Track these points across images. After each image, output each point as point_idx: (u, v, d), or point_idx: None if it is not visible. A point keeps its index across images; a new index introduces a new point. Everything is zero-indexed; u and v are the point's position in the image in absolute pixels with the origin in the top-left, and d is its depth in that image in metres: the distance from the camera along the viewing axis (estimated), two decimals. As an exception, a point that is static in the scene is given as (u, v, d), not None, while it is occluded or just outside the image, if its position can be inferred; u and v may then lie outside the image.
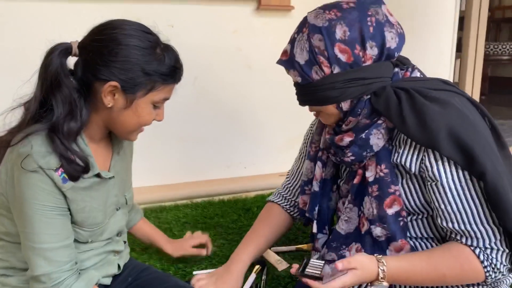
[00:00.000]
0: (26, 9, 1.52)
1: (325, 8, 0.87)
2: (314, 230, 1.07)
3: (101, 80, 0.82)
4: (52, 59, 0.80)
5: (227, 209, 1.66)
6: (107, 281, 0.97)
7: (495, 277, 0.83)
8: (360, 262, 0.83)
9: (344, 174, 1.03)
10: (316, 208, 1.05)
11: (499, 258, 0.82)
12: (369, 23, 0.84)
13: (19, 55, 1.48)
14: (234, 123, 1.88)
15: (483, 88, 4.38)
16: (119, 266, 1.00)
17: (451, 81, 2.05)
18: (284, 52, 0.91)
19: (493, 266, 0.82)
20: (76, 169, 0.81)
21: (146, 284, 1.00)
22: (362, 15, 0.84)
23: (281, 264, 1.27)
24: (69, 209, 0.84)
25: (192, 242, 1.24)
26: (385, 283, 0.85)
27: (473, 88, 2.15)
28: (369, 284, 0.87)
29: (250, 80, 1.85)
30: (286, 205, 1.22)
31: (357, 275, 0.83)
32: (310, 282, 0.83)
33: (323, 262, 0.88)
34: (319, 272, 0.84)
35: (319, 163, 1.05)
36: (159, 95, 0.86)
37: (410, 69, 0.92)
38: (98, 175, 0.88)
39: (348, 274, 0.82)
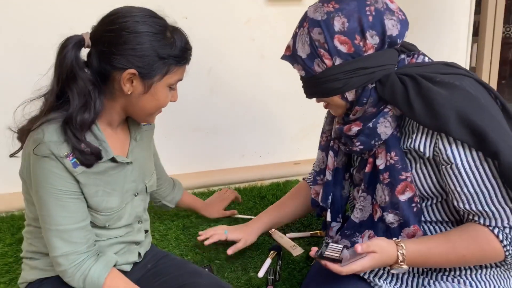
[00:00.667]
0: (36, 2, 1.54)
1: (324, 1, 0.88)
2: (328, 218, 1.08)
3: (119, 69, 0.84)
4: (66, 53, 0.83)
5: (242, 196, 1.68)
6: (127, 268, 1.00)
7: None
8: (379, 246, 0.85)
9: (356, 162, 1.05)
10: (330, 197, 1.07)
11: None
12: (368, 13, 0.84)
13: (33, 49, 1.52)
14: (249, 113, 1.90)
15: (503, 72, 4.27)
16: (139, 254, 1.04)
17: (468, 66, 2.03)
18: (288, 48, 0.93)
19: None
20: (87, 158, 0.84)
21: (164, 271, 1.03)
22: (361, 5, 0.85)
23: (296, 250, 1.30)
24: (83, 193, 0.88)
25: (223, 205, 1.48)
26: (405, 266, 0.85)
27: (491, 72, 2.12)
28: (389, 267, 0.88)
29: (264, 69, 1.86)
30: None
31: (376, 259, 0.84)
32: (329, 264, 0.84)
33: (342, 246, 0.88)
34: (338, 255, 0.84)
35: (331, 153, 1.06)
36: (174, 77, 0.90)
37: (416, 55, 0.92)
38: (113, 160, 0.91)
39: (367, 257, 0.84)
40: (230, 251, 1.17)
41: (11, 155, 0.91)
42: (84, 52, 0.88)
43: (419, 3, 0.96)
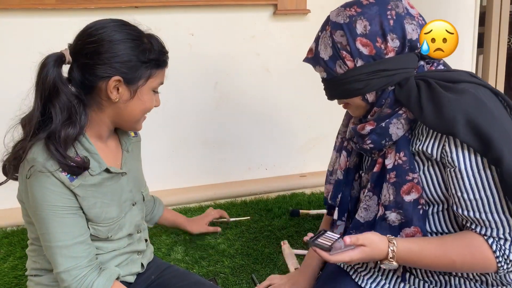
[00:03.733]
0: (14, 25, 1.57)
1: (346, 5, 0.91)
2: (335, 217, 1.10)
3: (104, 78, 0.87)
4: (48, 71, 0.84)
5: (249, 209, 1.70)
6: (131, 279, 1.01)
7: (507, 268, 0.83)
8: (369, 240, 0.86)
9: (366, 164, 1.05)
10: (339, 196, 1.09)
11: None
12: (389, 17, 0.87)
13: (13, 70, 1.55)
14: (254, 126, 1.92)
15: (514, 82, 4.22)
16: (142, 265, 1.05)
17: (474, 77, 2.02)
18: (310, 50, 0.96)
19: (506, 257, 0.82)
20: (74, 171, 0.86)
21: (168, 282, 1.04)
22: (382, 10, 0.87)
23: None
24: (81, 208, 0.89)
25: (206, 221, 1.47)
26: (395, 263, 0.87)
27: (497, 83, 2.11)
28: (379, 262, 0.89)
29: (269, 83, 1.89)
30: None
31: (365, 252, 0.85)
32: (318, 251, 0.86)
33: (338, 236, 0.90)
34: (329, 244, 0.86)
35: (344, 153, 1.08)
36: (156, 80, 0.93)
37: (435, 63, 0.93)
38: (107, 171, 0.93)
39: (357, 250, 0.85)
40: None
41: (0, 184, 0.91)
42: (65, 69, 0.89)
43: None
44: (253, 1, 1.76)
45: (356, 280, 0.99)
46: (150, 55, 0.90)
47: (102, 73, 0.86)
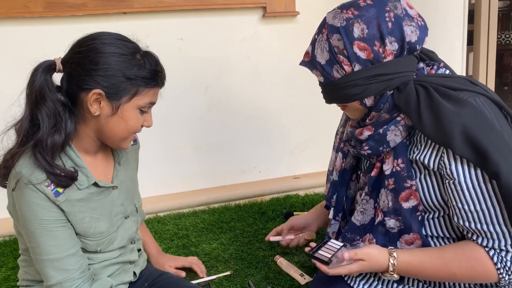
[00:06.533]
0: (9, 32, 1.57)
1: (343, 7, 0.88)
2: (330, 216, 1.10)
3: (86, 89, 0.84)
4: (36, 76, 0.83)
5: (243, 213, 1.69)
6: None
7: (509, 279, 0.82)
8: (367, 254, 0.86)
9: (365, 166, 1.04)
10: (334, 197, 1.09)
11: None
12: (387, 19, 0.84)
13: (5, 76, 1.56)
14: (247, 129, 1.91)
15: (505, 79, 4.26)
16: (134, 273, 1.04)
17: (465, 75, 2.03)
18: (306, 54, 0.94)
19: (507, 268, 0.81)
20: (62, 180, 0.84)
21: (161, 289, 1.03)
22: (380, 12, 0.84)
23: (304, 278, 1.24)
24: (69, 221, 0.87)
25: (175, 264, 1.28)
26: (396, 275, 0.87)
27: (487, 79, 2.13)
28: (380, 274, 0.90)
29: (260, 86, 1.88)
30: None
31: (363, 266, 0.86)
32: (318, 264, 0.88)
33: (341, 245, 0.90)
34: (329, 256, 0.88)
35: (340, 154, 1.07)
36: (143, 99, 0.88)
37: (436, 66, 0.92)
38: (96, 185, 0.90)
39: (355, 263, 0.86)
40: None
41: None
42: (58, 78, 0.88)
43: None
44: (242, 4, 1.76)
45: (349, 282, 0.99)
46: (138, 72, 0.85)
47: (84, 85, 0.84)
